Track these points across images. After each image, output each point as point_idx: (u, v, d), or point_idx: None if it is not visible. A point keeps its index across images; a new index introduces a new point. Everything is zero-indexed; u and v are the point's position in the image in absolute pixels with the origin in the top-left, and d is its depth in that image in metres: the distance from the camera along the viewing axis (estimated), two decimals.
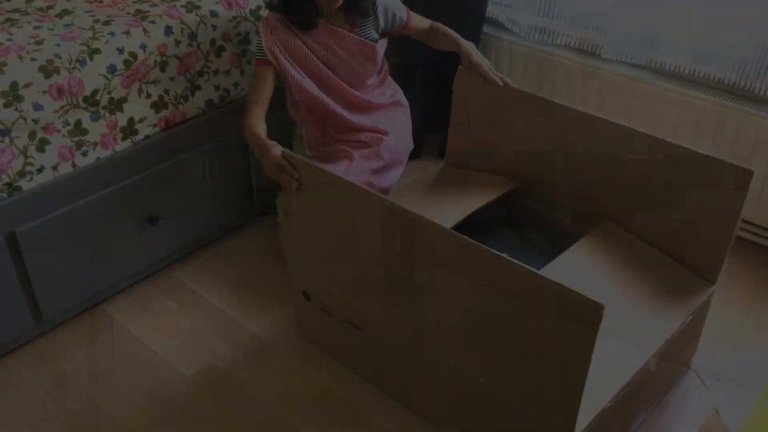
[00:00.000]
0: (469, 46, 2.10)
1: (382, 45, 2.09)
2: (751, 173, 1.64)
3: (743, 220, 2.32)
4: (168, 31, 1.98)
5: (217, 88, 2.16)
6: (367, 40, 2.02)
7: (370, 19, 2.02)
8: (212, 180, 2.23)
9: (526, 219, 2.05)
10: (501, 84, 2.03)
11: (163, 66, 1.99)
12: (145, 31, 1.94)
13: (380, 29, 2.05)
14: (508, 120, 2.05)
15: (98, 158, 1.94)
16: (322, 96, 2.02)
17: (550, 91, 2.58)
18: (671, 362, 1.78)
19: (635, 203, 1.86)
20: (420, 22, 2.17)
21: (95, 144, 1.92)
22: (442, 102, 2.78)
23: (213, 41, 2.09)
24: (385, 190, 2.15)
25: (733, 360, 1.95)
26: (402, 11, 2.10)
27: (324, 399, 1.85)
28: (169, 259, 2.27)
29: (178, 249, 2.26)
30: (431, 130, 2.85)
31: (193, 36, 2.04)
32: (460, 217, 1.87)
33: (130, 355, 1.97)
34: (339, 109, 2.06)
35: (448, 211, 1.90)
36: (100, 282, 2.07)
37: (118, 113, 1.94)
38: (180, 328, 2.06)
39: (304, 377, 1.91)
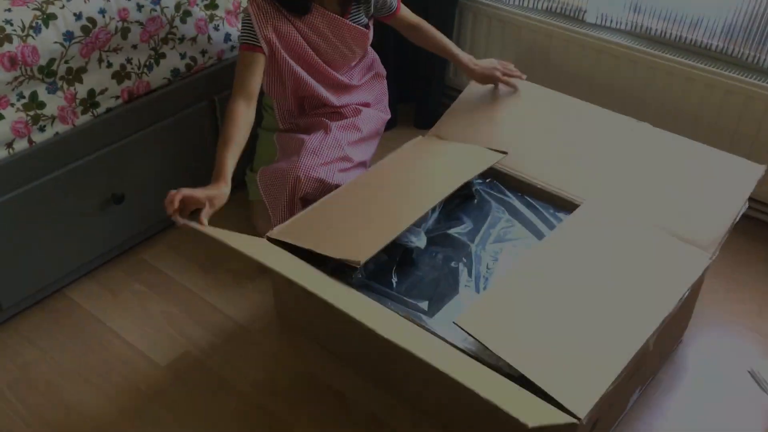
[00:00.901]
0: (469, 60, 2.07)
1: (371, 29, 2.00)
2: (762, 169, 1.69)
3: None
4: None
5: (183, 56, 2.02)
6: (359, 26, 1.92)
7: (362, 4, 1.92)
8: (180, 155, 2.10)
9: (511, 190, 1.97)
10: (520, 82, 2.06)
11: (124, 33, 1.84)
12: None
13: (370, 14, 1.95)
14: (509, 106, 2.07)
15: (57, 133, 1.79)
16: (310, 80, 1.94)
17: (530, 58, 2.50)
18: (666, 338, 1.74)
19: (628, 183, 1.83)
20: (409, 15, 2.09)
21: (53, 118, 1.77)
22: (416, 70, 2.69)
23: (178, 5, 1.95)
24: (363, 164, 2.06)
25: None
26: (394, 0, 2.01)
27: (307, 385, 1.76)
28: (136, 240, 2.14)
29: (144, 228, 2.13)
30: (406, 98, 2.76)
31: (156, 0, 1.89)
32: (450, 191, 1.78)
33: (97, 343, 1.85)
34: (324, 92, 1.98)
35: (439, 184, 1.82)
36: (63, 266, 1.94)
37: (77, 84, 1.79)
38: (150, 313, 1.95)
39: (285, 363, 1.81)
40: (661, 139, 1.93)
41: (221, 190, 1.61)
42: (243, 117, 1.75)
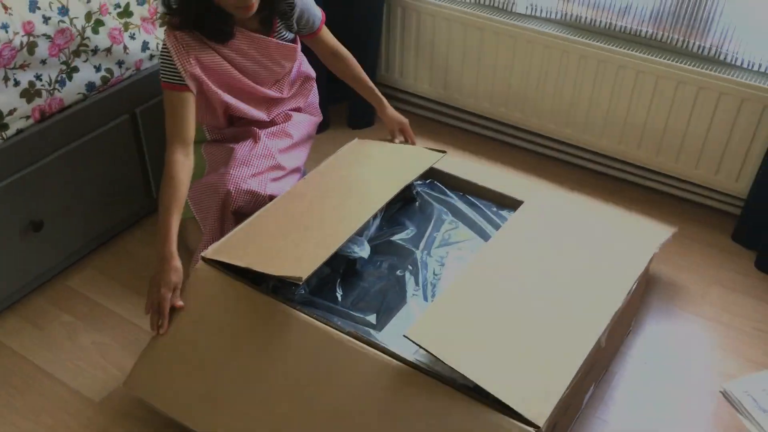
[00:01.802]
0: (387, 103, 2.06)
1: (298, 42, 1.91)
2: (671, 233, 1.80)
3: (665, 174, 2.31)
4: (33, 6, 1.70)
5: (98, 68, 1.89)
6: (285, 42, 1.83)
7: (284, 21, 1.82)
8: (102, 173, 1.98)
9: (451, 189, 1.93)
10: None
11: (31, 48, 1.71)
12: (5, 7, 1.65)
13: (294, 29, 1.86)
14: None
15: None
16: (240, 104, 1.84)
17: (462, 52, 2.46)
18: (616, 332, 1.73)
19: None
20: (330, 39, 1.99)
21: None
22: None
23: (89, 15, 1.82)
24: (297, 170, 1.98)
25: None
26: (317, 18, 1.90)
27: None
28: (60, 267, 2.00)
29: (69, 254, 2.00)
30: (338, 98, 2.68)
31: (64, 10, 1.76)
32: (390, 195, 1.72)
33: (24, 383, 1.72)
34: (255, 112, 1.89)
35: (379, 189, 1.76)
36: None
37: None
38: (80, 345, 1.82)
39: None
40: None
41: (179, 270, 1.59)
42: (183, 170, 1.68)
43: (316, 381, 1.42)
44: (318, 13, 1.90)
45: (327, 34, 1.97)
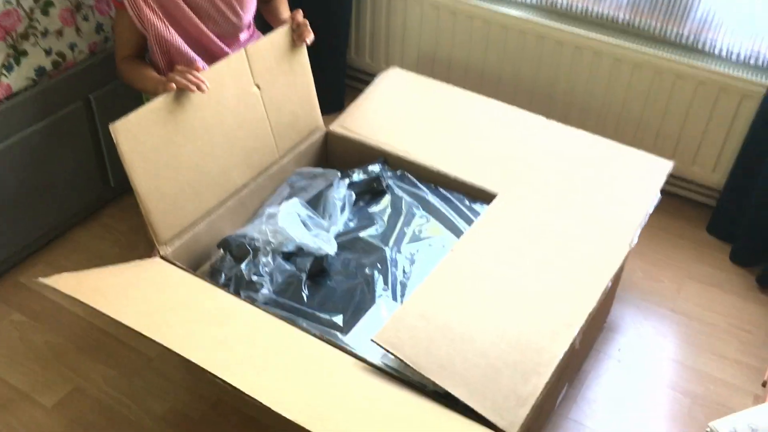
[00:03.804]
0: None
1: None
2: (670, 165, 1.74)
3: None
4: None
5: (48, 52, 1.78)
6: None
7: None
8: (54, 164, 1.88)
9: (423, 181, 1.87)
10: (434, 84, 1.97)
11: None
12: None
13: None
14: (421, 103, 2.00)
15: None
16: (189, 52, 1.69)
17: (435, 36, 2.38)
18: (590, 330, 1.69)
19: (540, 180, 1.77)
20: None
21: None
22: (316, 51, 2.52)
23: None
24: None
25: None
26: None
27: (216, 412, 1.61)
28: (10, 263, 1.90)
29: (19, 248, 1.90)
30: None
31: None
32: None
33: None
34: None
35: None
36: None
37: None
38: (33, 345, 1.74)
39: (190, 390, 1.66)
40: (572, 136, 1.88)
41: None
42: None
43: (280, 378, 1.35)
44: None
45: None
